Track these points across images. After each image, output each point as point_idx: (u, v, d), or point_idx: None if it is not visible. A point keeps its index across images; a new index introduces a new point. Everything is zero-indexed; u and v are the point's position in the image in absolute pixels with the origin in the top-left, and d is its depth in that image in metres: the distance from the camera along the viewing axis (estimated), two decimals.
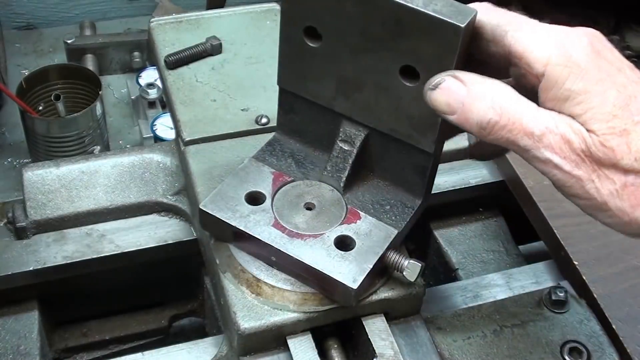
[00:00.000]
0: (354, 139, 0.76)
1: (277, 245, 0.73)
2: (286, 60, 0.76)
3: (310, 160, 0.81)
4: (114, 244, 0.94)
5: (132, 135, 1.85)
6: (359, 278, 0.71)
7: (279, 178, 0.79)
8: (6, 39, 2.05)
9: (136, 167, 0.99)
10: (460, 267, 1.02)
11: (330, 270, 0.71)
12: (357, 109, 0.75)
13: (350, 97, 0.74)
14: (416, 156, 0.74)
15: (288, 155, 0.81)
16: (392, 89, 0.70)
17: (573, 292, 0.89)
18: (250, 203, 0.77)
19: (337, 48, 0.71)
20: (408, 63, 0.68)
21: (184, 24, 1.03)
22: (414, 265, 0.72)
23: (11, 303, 0.93)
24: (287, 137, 0.82)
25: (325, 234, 0.74)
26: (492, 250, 1.03)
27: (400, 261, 0.73)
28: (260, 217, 0.76)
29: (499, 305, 0.87)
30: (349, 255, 0.73)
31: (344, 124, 0.76)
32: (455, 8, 0.64)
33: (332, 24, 0.70)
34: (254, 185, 0.78)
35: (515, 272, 0.95)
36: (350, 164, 0.77)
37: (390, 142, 0.75)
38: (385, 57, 0.69)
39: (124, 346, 1.05)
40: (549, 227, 0.94)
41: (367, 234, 0.75)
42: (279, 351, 0.75)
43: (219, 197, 0.77)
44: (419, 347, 0.79)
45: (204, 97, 0.95)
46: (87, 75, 1.73)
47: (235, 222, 0.75)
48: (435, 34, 0.64)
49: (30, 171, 0.97)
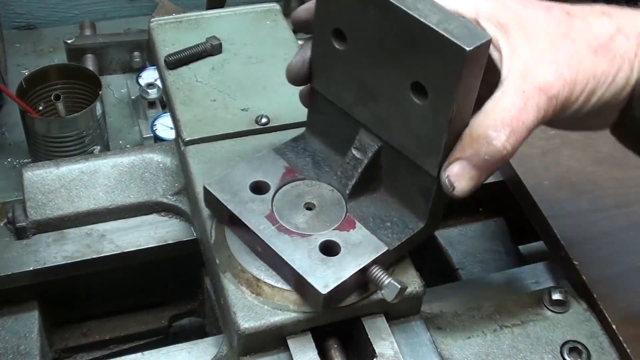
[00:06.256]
0: (367, 149, 0.76)
1: (263, 237, 0.74)
2: (317, 60, 0.76)
3: (328, 163, 0.80)
4: (114, 244, 0.94)
5: (132, 135, 1.85)
6: (331, 285, 0.70)
7: (290, 174, 0.79)
8: (6, 39, 2.05)
9: (136, 167, 0.99)
10: (460, 267, 1.02)
11: (305, 271, 0.71)
12: (373, 119, 0.74)
13: (367, 106, 0.74)
14: (422, 177, 0.73)
15: (308, 155, 0.81)
16: (403, 104, 0.69)
17: (573, 292, 0.89)
18: (254, 191, 0.77)
19: (359, 53, 0.71)
20: (418, 79, 0.67)
21: (184, 24, 1.04)
22: (393, 286, 0.71)
23: (11, 303, 0.92)
24: (313, 137, 0.82)
25: (313, 236, 0.74)
26: (492, 250, 1.04)
27: (382, 279, 0.71)
28: (257, 207, 0.76)
29: (499, 305, 0.87)
30: (330, 261, 0.72)
31: (361, 132, 0.76)
32: (468, 31, 0.62)
33: (356, 28, 0.70)
34: (263, 175, 0.79)
35: (515, 272, 0.95)
36: (359, 172, 0.76)
37: (401, 159, 0.74)
38: (399, 70, 0.68)
39: (124, 346, 1.05)
40: (549, 227, 0.94)
41: (355, 245, 0.74)
42: (279, 351, 0.75)
43: (225, 180, 0.78)
44: (419, 347, 0.79)
45: (204, 97, 0.95)
46: (87, 75, 1.72)
47: (232, 205, 0.76)
48: (442, 54, 0.63)
49: (30, 171, 0.97)
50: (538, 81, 0.65)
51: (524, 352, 0.82)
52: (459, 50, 0.61)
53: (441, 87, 0.65)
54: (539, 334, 0.84)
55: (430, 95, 0.66)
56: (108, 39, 1.95)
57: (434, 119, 0.67)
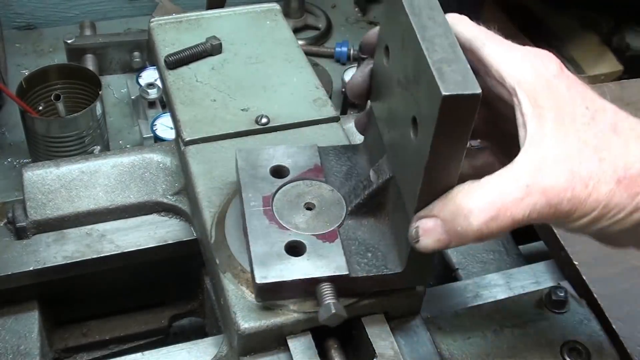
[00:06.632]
0: (381, 174, 0.74)
1: (246, 213, 0.75)
2: (374, 76, 0.75)
3: (359, 179, 0.78)
4: (114, 244, 0.94)
5: (132, 135, 1.85)
6: (269, 279, 0.70)
7: (314, 172, 0.79)
8: (6, 39, 2.05)
9: (136, 167, 0.99)
10: (460, 267, 1.02)
11: (256, 257, 0.71)
12: (391, 146, 0.72)
13: (390, 131, 0.72)
14: (407, 219, 0.68)
15: (347, 164, 0.81)
16: (405, 137, 0.66)
17: (573, 292, 0.89)
18: (272, 173, 0.78)
19: (393, 75, 0.69)
20: (415, 114, 0.63)
21: (184, 24, 1.03)
22: (328, 308, 0.69)
23: (11, 303, 0.93)
24: (363, 151, 0.81)
25: (289, 232, 0.74)
26: (492, 250, 1.03)
27: (325, 297, 0.70)
28: (263, 186, 0.77)
29: (499, 305, 0.87)
30: (287, 259, 0.71)
31: (384, 157, 0.74)
32: (462, 78, 0.58)
33: (395, 49, 0.68)
34: (291, 163, 0.79)
35: (515, 272, 0.95)
36: (365, 194, 0.75)
37: (401, 196, 0.71)
38: (407, 100, 0.65)
39: (124, 346, 1.05)
40: (549, 227, 0.94)
41: (320, 256, 0.72)
42: (279, 351, 0.75)
43: (256, 153, 0.80)
44: (419, 347, 0.79)
45: (204, 97, 0.95)
46: (87, 75, 1.72)
47: (243, 175, 0.78)
48: (430, 93, 0.59)
49: (30, 171, 0.97)
50: (546, 183, 0.60)
51: (524, 352, 0.82)
52: (438, 92, 0.57)
53: (425, 128, 0.61)
54: (539, 334, 0.84)
55: (419, 134, 0.63)
56: (108, 39, 1.96)
57: (417, 160, 0.63)
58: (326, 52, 2.12)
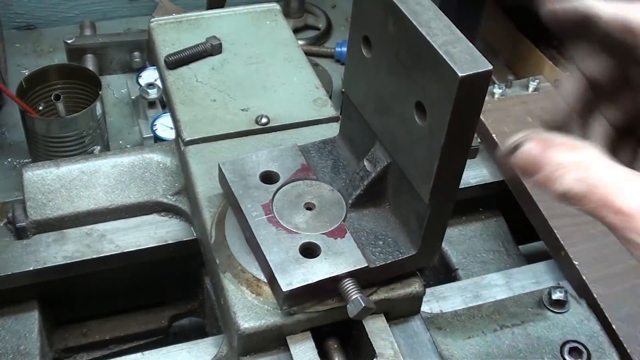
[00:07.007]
0: (378, 163, 0.74)
1: (251, 223, 0.74)
2: (348, 66, 0.76)
3: (347, 171, 0.80)
4: (114, 244, 0.94)
5: (132, 135, 1.85)
6: (295, 284, 0.69)
7: (303, 172, 0.79)
8: (6, 39, 2.05)
9: (136, 167, 0.99)
10: (460, 267, 1.02)
11: (275, 265, 0.71)
12: (385, 133, 0.73)
13: (382, 119, 0.72)
14: (418, 202, 0.70)
15: (331, 158, 0.81)
16: (408, 122, 0.67)
17: (573, 292, 0.89)
18: (263, 180, 0.78)
19: (380, 63, 0.70)
20: (420, 99, 0.64)
21: (184, 24, 1.03)
22: (358, 302, 0.69)
23: (11, 303, 0.93)
24: (342, 142, 0.82)
25: (299, 235, 0.74)
26: (492, 250, 1.04)
27: (351, 293, 0.70)
28: (259, 194, 0.77)
29: (499, 305, 0.87)
30: (305, 262, 0.71)
31: (376, 145, 0.75)
32: (470, 57, 0.59)
33: (379, 38, 0.69)
34: (278, 167, 0.79)
35: (515, 272, 0.95)
36: (365, 185, 0.76)
37: (404, 179, 0.72)
38: (408, 86, 0.66)
39: (124, 346, 1.05)
40: (549, 227, 0.94)
41: (336, 253, 0.73)
42: (279, 351, 0.75)
43: (241, 162, 0.79)
44: (419, 347, 0.79)
45: (204, 97, 0.95)
46: (87, 75, 1.72)
47: (235, 187, 0.77)
48: (440, 76, 0.60)
49: (30, 171, 0.97)
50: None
51: (524, 352, 0.82)
52: (453, 74, 0.58)
53: (437, 111, 0.62)
54: (539, 334, 0.84)
55: (428, 117, 0.64)
56: (108, 39, 1.95)
57: (429, 142, 0.64)
58: (326, 52, 2.12)
